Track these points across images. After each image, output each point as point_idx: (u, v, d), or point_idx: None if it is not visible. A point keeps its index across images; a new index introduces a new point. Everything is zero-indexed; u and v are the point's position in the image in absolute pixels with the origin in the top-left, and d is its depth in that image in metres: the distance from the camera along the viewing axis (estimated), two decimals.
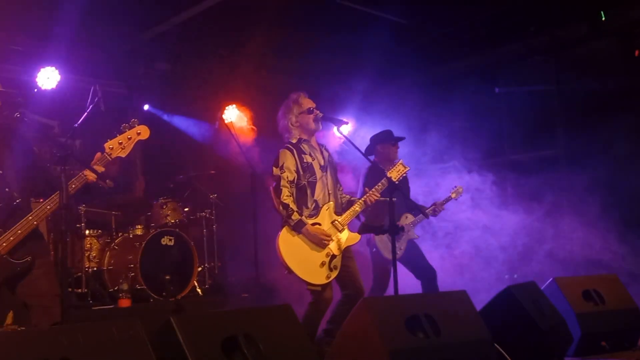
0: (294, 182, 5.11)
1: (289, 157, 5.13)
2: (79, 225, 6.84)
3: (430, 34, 8.42)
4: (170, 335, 3.29)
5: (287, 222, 4.99)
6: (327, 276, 4.99)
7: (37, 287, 3.98)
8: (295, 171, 5.11)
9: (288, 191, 5.05)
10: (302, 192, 5.14)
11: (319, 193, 5.17)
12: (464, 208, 7.49)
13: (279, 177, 5.07)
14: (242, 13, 7.66)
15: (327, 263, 5.00)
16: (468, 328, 4.08)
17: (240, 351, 3.44)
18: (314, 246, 5.00)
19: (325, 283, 5.00)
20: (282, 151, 5.18)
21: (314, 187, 5.16)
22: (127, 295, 6.38)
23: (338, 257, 5.06)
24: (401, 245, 6.27)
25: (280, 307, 3.95)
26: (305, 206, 5.12)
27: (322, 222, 5.09)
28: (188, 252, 6.98)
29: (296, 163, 5.12)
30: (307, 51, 8.61)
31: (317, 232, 4.99)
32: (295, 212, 4.98)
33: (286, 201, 5.00)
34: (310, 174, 5.16)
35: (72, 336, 2.95)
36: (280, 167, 5.09)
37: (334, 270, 5.02)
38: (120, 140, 4.08)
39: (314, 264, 4.97)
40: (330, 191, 5.24)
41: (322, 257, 5.00)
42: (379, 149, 6.54)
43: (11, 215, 3.92)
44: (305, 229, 4.97)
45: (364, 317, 3.87)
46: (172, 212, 7.49)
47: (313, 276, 4.95)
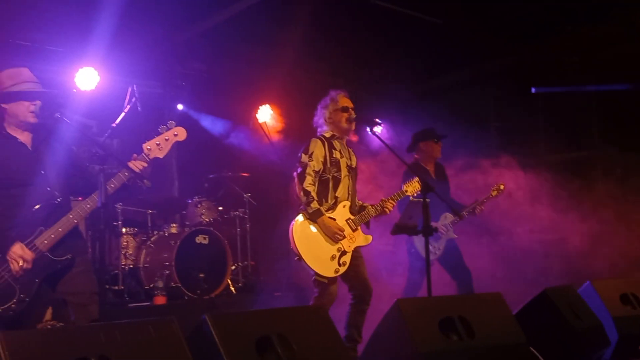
0: (319, 172, 5.15)
1: (319, 146, 5.18)
2: (116, 223, 6.95)
3: (466, 33, 8.35)
4: (205, 334, 3.33)
5: (305, 210, 5.04)
6: (335, 270, 5.02)
7: (76, 285, 4.05)
8: (323, 162, 5.15)
9: (312, 179, 5.10)
10: (324, 186, 5.18)
11: (341, 190, 5.21)
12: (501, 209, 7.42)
13: (306, 164, 5.12)
14: (277, 13, 7.69)
15: (337, 257, 5.03)
16: (503, 331, 4.05)
17: (274, 351, 3.46)
18: (326, 238, 5.04)
19: (332, 277, 5.02)
20: (313, 140, 5.23)
21: (338, 184, 5.19)
22: (162, 293, 6.46)
23: (348, 254, 5.10)
24: (440, 245, 6.25)
25: (314, 307, 3.99)
26: (325, 200, 5.16)
27: (337, 217, 5.13)
28: (222, 251, 7.04)
29: (325, 155, 5.16)
30: (342, 52, 8.61)
31: (332, 225, 5.03)
32: (315, 201, 5.04)
33: (308, 188, 5.05)
34: (337, 170, 5.19)
35: (110, 334, 3.01)
36: (309, 154, 5.14)
37: (343, 267, 5.05)
38: (158, 141, 4.14)
39: (325, 256, 5.01)
40: (351, 192, 5.28)
41: (333, 251, 5.03)
42: (422, 146, 6.53)
43: (52, 214, 4.00)
44: (321, 219, 5.02)
45: (397, 319, 3.87)
46: (207, 211, 7.57)
47: (322, 267, 5.00)
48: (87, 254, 4.38)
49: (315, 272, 4.99)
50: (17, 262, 3.84)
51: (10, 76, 4.09)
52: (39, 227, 3.95)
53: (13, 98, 4.04)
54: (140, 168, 4.05)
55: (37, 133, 4.16)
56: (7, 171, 4.00)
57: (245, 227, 7.90)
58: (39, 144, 4.14)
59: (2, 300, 3.86)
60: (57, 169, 4.13)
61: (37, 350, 2.80)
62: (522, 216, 7.56)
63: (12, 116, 4.08)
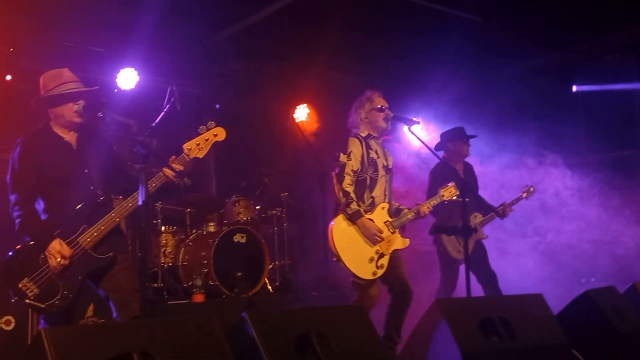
0: (357, 172, 5.12)
1: (357, 145, 5.15)
2: (156, 221, 7.02)
3: (505, 32, 8.26)
4: (245, 331, 3.35)
5: (344, 210, 5.02)
6: (373, 272, 4.98)
7: (118, 282, 4.12)
8: (360, 162, 5.12)
9: (350, 179, 5.07)
10: (361, 186, 5.14)
11: (378, 191, 5.17)
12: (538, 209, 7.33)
13: (344, 164, 5.09)
14: (314, 13, 7.70)
15: (375, 260, 5.00)
16: (544, 332, 4.00)
17: (313, 349, 3.47)
18: (365, 240, 5.01)
19: (370, 279, 5.00)
20: (351, 139, 5.20)
21: (374, 184, 5.16)
22: (200, 291, 6.51)
23: (386, 257, 5.05)
24: (469, 245, 6.17)
25: (353, 306, 3.98)
26: (362, 201, 5.12)
27: (376, 219, 5.09)
28: (259, 250, 7.06)
29: (363, 154, 5.14)
30: (379, 51, 8.58)
31: (371, 226, 5.00)
32: (354, 202, 5.01)
33: (347, 189, 5.03)
34: (374, 170, 5.16)
35: (152, 331, 3.04)
36: (347, 154, 5.12)
37: (380, 269, 5.01)
38: (198, 141, 4.18)
39: (363, 258, 4.98)
40: (387, 193, 5.25)
41: (371, 253, 5.00)
42: (450, 146, 6.48)
43: (95, 212, 4.08)
44: (361, 220, 4.99)
45: (437, 318, 3.84)
46: (244, 210, 7.60)
47: (360, 269, 4.96)
48: (128, 251, 4.44)
49: (353, 273, 4.97)
50: (55, 257, 3.92)
51: (52, 78, 4.17)
52: (83, 225, 4.02)
53: (57, 101, 4.12)
54: (180, 168, 4.10)
55: (81, 132, 4.24)
56: (52, 170, 4.09)
57: (283, 226, 7.91)
58: (83, 144, 4.22)
59: (47, 296, 3.95)
60: (100, 168, 4.21)
61: (80, 346, 2.85)
62: (569, 215, 7.44)
63: (57, 117, 4.16)
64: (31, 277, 3.94)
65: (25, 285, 3.93)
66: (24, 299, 3.93)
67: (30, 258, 3.97)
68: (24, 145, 4.13)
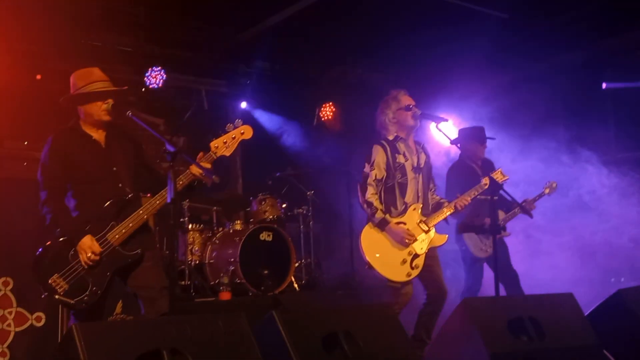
0: (382, 180, 5.10)
1: (380, 153, 5.12)
2: (183, 219, 7.07)
3: (533, 28, 8.16)
4: (273, 329, 3.35)
5: (371, 220, 5.02)
6: (407, 274, 4.96)
7: (146, 279, 4.15)
8: (385, 169, 5.10)
9: (373, 189, 5.06)
10: (390, 193, 5.12)
11: (409, 195, 5.13)
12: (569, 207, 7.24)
13: (367, 175, 5.09)
14: (340, 11, 7.68)
15: (408, 261, 4.97)
16: (575, 333, 3.95)
17: (341, 348, 3.47)
18: (395, 244, 4.99)
19: (405, 281, 4.97)
20: (374, 147, 5.17)
21: (405, 189, 5.12)
22: (227, 289, 6.53)
23: (421, 256, 5.02)
24: (491, 243, 6.10)
25: (381, 305, 3.96)
26: (394, 207, 5.10)
27: (407, 221, 5.06)
28: (285, 248, 7.08)
29: (387, 160, 5.10)
30: (405, 49, 8.54)
31: (400, 230, 4.98)
32: (379, 211, 5.00)
33: (370, 199, 5.02)
34: (402, 175, 5.12)
35: (181, 328, 3.07)
36: (371, 163, 5.10)
37: (415, 269, 4.98)
38: (225, 139, 4.20)
39: (395, 261, 4.96)
40: (421, 193, 5.19)
41: (403, 255, 4.98)
42: (466, 145, 6.38)
43: (123, 209, 4.11)
44: (389, 227, 4.98)
45: (465, 318, 3.81)
46: (270, 208, 7.61)
47: (393, 273, 4.95)
48: (156, 248, 4.48)
49: (387, 278, 4.95)
50: (86, 252, 3.96)
51: (82, 77, 4.21)
52: (111, 222, 4.06)
53: (86, 99, 4.17)
54: (208, 166, 4.12)
55: (110, 131, 4.28)
56: (81, 167, 4.14)
57: (309, 224, 7.92)
58: (111, 142, 4.26)
59: (76, 292, 3.99)
60: (128, 166, 4.25)
61: (111, 342, 2.88)
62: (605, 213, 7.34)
63: (87, 115, 4.21)
64: (61, 273, 3.99)
65: (55, 281, 3.98)
66: (54, 295, 3.97)
67: (60, 254, 4.02)
68: (53, 143, 4.19)
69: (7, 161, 5.44)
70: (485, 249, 6.04)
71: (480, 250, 6.05)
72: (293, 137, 9.23)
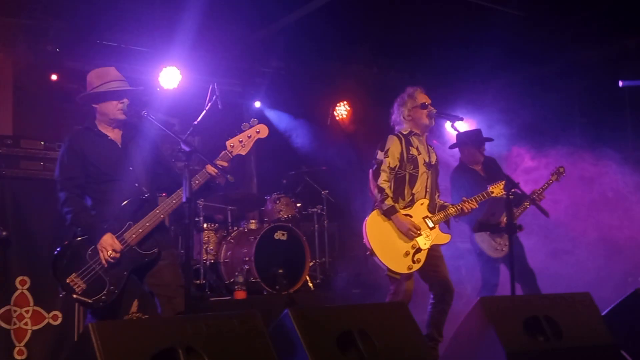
0: (394, 169, 5.09)
1: (395, 143, 5.12)
2: (198, 219, 7.10)
3: (549, 26, 8.12)
4: (287, 328, 3.36)
5: (380, 206, 4.99)
6: (408, 267, 4.93)
7: (162, 278, 4.17)
8: (399, 159, 5.09)
9: (386, 176, 5.04)
10: (401, 182, 5.11)
11: (418, 188, 5.13)
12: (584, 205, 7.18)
13: (381, 161, 5.07)
14: (355, 10, 7.68)
15: (410, 254, 4.95)
16: (592, 332, 3.92)
17: (355, 346, 3.46)
18: (400, 235, 4.97)
19: (405, 273, 4.95)
20: (390, 136, 5.17)
21: (414, 181, 5.11)
22: (242, 288, 6.54)
23: (424, 252, 5.00)
24: (506, 241, 6.06)
25: (395, 304, 3.96)
26: (401, 197, 5.09)
27: (414, 215, 5.05)
28: (300, 247, 7.08)
29: (402, 151, 5.10)
30: (420, 47, 8.52)
31: (406, 222, 4.96)
32: (389, 198, 4.98)
33: (382, 185, 5.01)
34: (413, 167, 5.12)
35: (197, 326, 3.08)
36: (385, 151, 5.09)
37: (417, 264, 4.96)
38: (240, 138, 4.20)
39: (398, 252, 4.94)
40: (428, 189, 5.19)
41: (407, 247, 4.96)
42: (465, 149, 6.33)
43: (140, 209, 4.13)
44: (396, 216, 4.96)
45: (481, 317, 3.79)
46: (285, 208, 7.62)
47: (394, 263, 4.92)
48: (172, 247, 4.49)
49: (387, 267, 4.94)
50: (106, 250, 3.99)
51: (99, 76, 4.24)
52: (128, 222, 4.08)
53: (102, 98, 4.19)
54: (224, 164, 4.13)
55: (125, 130, 4.30)
56: (98, 167, 4.16)
57: (323, 223, 7.93)
58: (127, 142, 4.28)
59: (94, 291, 4.02)
60: (144, 165, 4.27)
61: (127, 340, 2.89)
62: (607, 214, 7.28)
63: (102, 114, 4.23)
64: (79, 273, 4.02)
65: (73, 280, 4.01)
66: (72, 294, 4.00)
67: (77, 254, 4.05)
68: (70, 143, 4.21)
69: (24, 161, 5.47)
70: (500, 249, 6.00)
71: (495, 251, 6.02)
72: (307, 137, 9.22)
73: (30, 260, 5.29)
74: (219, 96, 6.83)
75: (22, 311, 5.25)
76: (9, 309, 5.20)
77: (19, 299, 5.26)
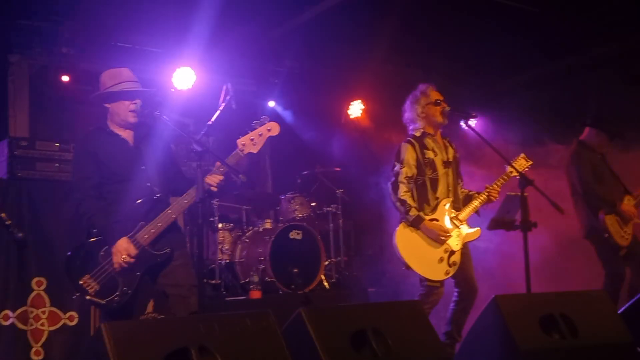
0: (412, 178, 5.04)
1: (409, 151, 5.07)
2: (213, 219, 7.11)
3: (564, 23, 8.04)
4: (301, 327, 3.35)
5: (405, 218, 4.96)
6: (446, 272, 4.91)
7: (175, 278, 4.17)
8: (416, 166, 5.05)
9: (406, 187, 5.00)
10: (423, 189, 5.06)
11: (441, 190, 5.08)
12: None
13: (398, 173, 5.03)
14: (368, 8, 7.65)
15: (445, 259, 4.92)
16: (608, 330, 3.87)
17: (369, 345, 3.45)
18: (431, 242, 4.93)
19: (444, 279, 4.93)
20: (403, 145, 5.13)
21: (436, 185, 5.07)
22: (257, 287, 6.55)
23: (457, 253, 4.97)
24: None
25: (410, 302, 3.94)
26: (426, 203, 5.04)
27: (439, 217, 5.01)
28: (315, 246, 7.08)
29: (417, 158, 5.06)
30: (434, 45, 8.48)
31: (434, 227, 4.92)
32: (413, 208, 4.93)
33: (403, 197, 4.96)
34: (432, 171, 5.07)
35: (209, 325, 3.08)
36: (400, 162, 5.05)
37: (453, 267, 4.94)
38: (251, 136, 4.20)
39: (432, 260, 4.91)
40: (451, 188, 5.14)
41: (440, 253, 4.93)
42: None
43: (152, 209, 4.14)
44: (424, 224, 4.91)
45: (496, 315, 3.76)
46: (300, 207, 7.62)
47: (431, 272, 4.90)
48: (185, 247, 4.50)
49: (425, 278, 4.91)
50: (121, 254, 4.00)
51: (112, 76, 4.26)
52: (140, 222, 4.09)
53: (114, 98, 4.21)
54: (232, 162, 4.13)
55: (138, 131, 4.31)
56: (110, 167, 4.17)
57: (338, 222, 7.91)
58: (139, 141, 4.29)
59: (107, 292, 4.04)
60: (157, 165, 4.27)
61: (139, 340, 2.90)
62: None
63: (114, 115, 4.25)
64: (92, 274, 4.04)
65: (86, 281, 4.03)
66: (85, 295, 4.02)
67: (90, 255, 4.07)
68: (83, 143, 4.24)
69: (39, 163, 5.52)
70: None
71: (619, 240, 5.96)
72: (322, 135, 9.21)
73: (47, 261, 5.33)
74: (233, 96, 6.84)
75: (38, 312, 5.30)
76: (26, 310, 5.25)
77: (35, 300, 5.31)
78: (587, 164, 6.18)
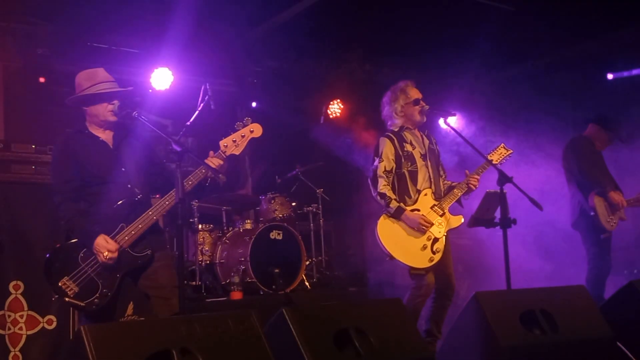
0: (391, 171, 5.09)
1: (388, 145, 5.11)
2: (192, 219, 7.07)
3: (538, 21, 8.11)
4: (283, 327, 3.34)
5: (387, 210, 5.00)
6: (430, 259, 4.94)
7: (157, 279, 4.15)
8: (394, 160, 5.09)
9: (385, 180, 5.05)
10: (403, 181, 5.11)
11: (421, 182, 5.13)
12: None
13: (377, 167, 5.09)
14: (347, 8, 7.66)
15: (428, 246, 4.96)
16: (588, 325, 3.91)
17: (352, 344, 3.45)
18: (413, 231, 4.98)
19: (428, 266, 4.95)
20: (381, 139, 5.18)
21: (416, 176, 5.11)
22: (238, 288, 6.53)
23: (441, 240, 5.01)
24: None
25: (391, 300, 3.94)
26: (407, 196, 5.09)
27: (421, 208, 5.05)
28: (296, 246, 7.07)
29: (395, 151, 5.10)
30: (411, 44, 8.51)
31: (415, 217, 4.96)
32: (393, 200, 4.99)
33: (383, 190, 5.02)
34: (411, 163, 5.12)
35: (191, 327, 3.06)
36: (379, 155, 5.09)
37: (437, 254, 4.97)
38: (234, 138, 4.18)
39: (415, 248, 4.94)
40: (433, 178, 5.18)
41: (422, 241, 4.96)
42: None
43: (133, 210, 4.11)
44: (405, 215, 4.97)
45: (476, 312, 3.78)
46: (280, 207, 7.60)
47: (415, 260, 4.93)
48: (166, 248, 4.47)
49: (409, 266, 4.94)
50: (102, 253, 3.97)
51: (88, 78, 4.20)
52: (120, 224, 4.05)
53: (92, 100, 4.16)
54: (217, 165, 4.10)
55: (117, 132, 4.27)
56: (90, 169, 4.13)
57: (319, 222, 7.91)
58: (119, 143, 4.25)
59: (86, 294, 4.00)
60: (137, 166, 4.24)
61: (120, 342, 2.87)
62: None
63: (93, 116, 4.20)
64: (71, 276, 3.99)
65: (65, 283, 3.98)
66: (64, 297, 3.98)
67: (69, 257, 4.02)
68: (61, 145, 4.19)
69: (15, 165, 5.44)
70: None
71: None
72: (302, 135, 9.20)
73: (24, 265, 5.25)
74: (211, 96, 6.81)
75: (16, 316, 5.22)
76: (3, 314, 5.17)
77: (13, 304, 5.23)
78: (588, 152, 6.42)
